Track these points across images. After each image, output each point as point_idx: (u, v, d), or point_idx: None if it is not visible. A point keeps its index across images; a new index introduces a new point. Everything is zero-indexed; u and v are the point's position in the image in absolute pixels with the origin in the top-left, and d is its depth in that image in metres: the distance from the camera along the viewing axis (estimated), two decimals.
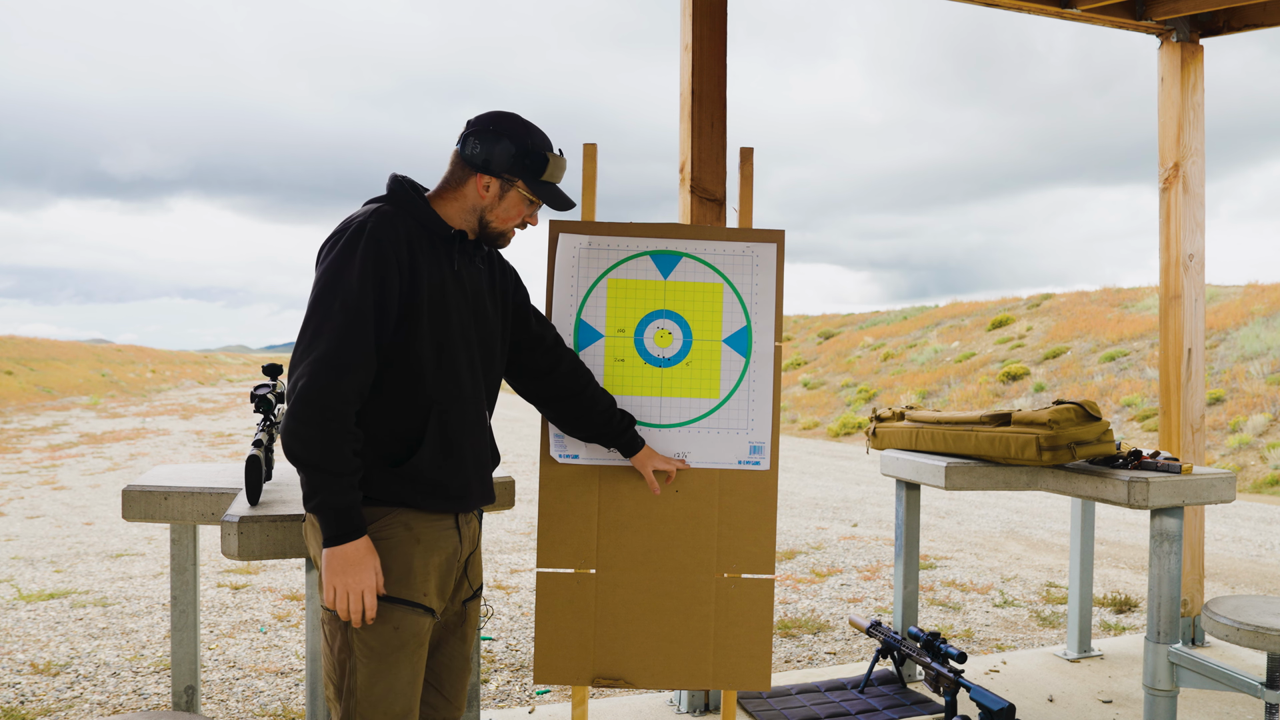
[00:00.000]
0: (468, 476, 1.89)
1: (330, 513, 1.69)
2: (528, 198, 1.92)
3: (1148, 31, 4.27)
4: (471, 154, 1.88)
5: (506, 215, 1.92)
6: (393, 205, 1.86)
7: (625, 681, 2.37)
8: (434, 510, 1.85)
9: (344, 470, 1.69)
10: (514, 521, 7.68)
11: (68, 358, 32.85)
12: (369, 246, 1.76)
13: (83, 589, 5.40)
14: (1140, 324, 18.62)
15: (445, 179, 1.93)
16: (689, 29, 3.29)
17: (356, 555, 1.71)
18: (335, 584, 1.71)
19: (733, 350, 2.41)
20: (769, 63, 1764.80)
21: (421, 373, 1.82)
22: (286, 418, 1.69)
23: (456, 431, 1.86)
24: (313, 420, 1.66)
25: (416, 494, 1.82)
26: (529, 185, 1.90)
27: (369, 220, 1.79)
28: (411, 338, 1.80)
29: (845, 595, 5.39)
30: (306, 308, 1.77)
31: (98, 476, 10.53)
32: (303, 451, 1.67)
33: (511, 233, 1.96)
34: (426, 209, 1.88)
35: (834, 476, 11.28)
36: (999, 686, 3.54)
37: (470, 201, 1.91)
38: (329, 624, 1.79)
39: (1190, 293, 4.18)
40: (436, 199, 1.92)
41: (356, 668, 1.76)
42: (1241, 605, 2.72)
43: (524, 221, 1.96)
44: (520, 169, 1.88)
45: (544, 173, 1.90)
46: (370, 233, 1.77)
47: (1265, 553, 6.91)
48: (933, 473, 3.25)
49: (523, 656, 4.19)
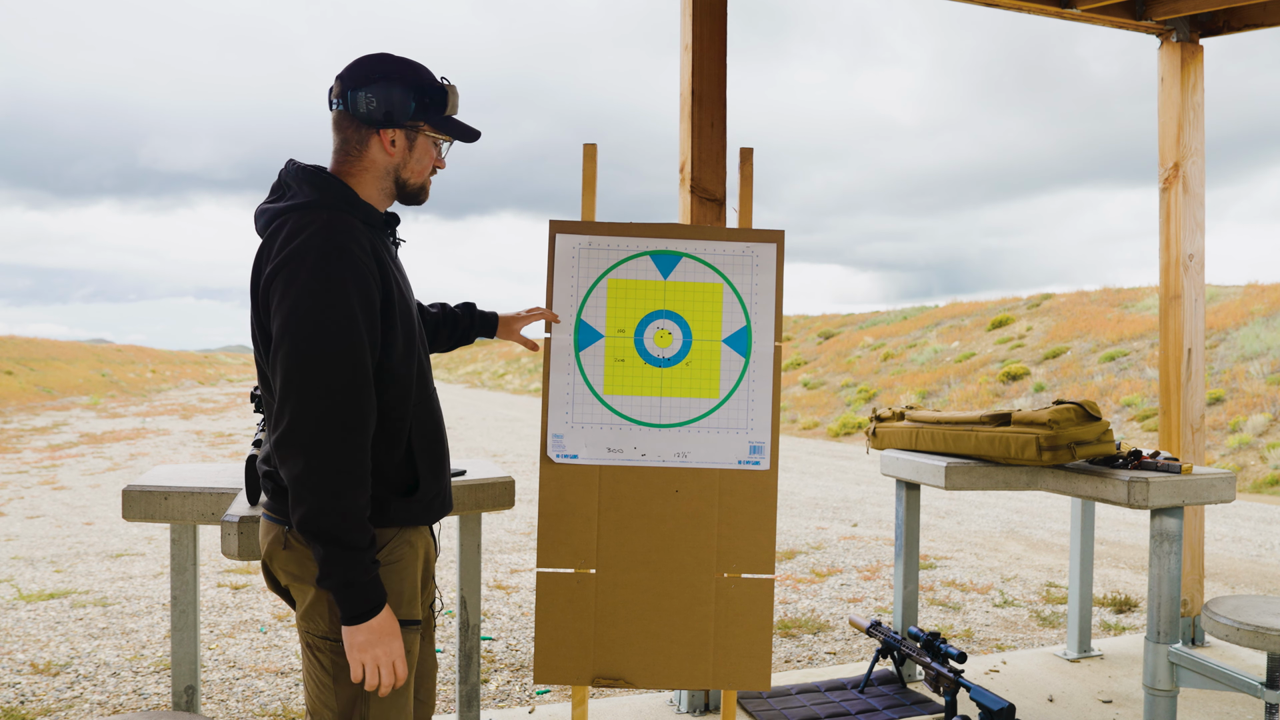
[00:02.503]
0: (447, 483, 1.84)
1: (353, 590, 1.55)
2: (435, 139, 1.75)
3: (1148, 31, 4.27)
4: (369, 111, 1.66)
5: (420, 166, 1.75)
6: (334, 205, 1.64)
7: (625, 681, 2.37)
8: (426, 523, 1.78)
9: (366, 542, 1.56)
10: (514, 521, 7.68)
11: (68, 358, 32.85)
12: (346, 268, 1.56)
13: (83, 589, 5.40)
14: (1140, 324, 18.62)
15: (342, 150, 1.71)
16: (689, 29, 3.29)
17: (384, 625, 1.58)
18: (365, 660, 1.57)
19: (732, 350, 2.41)
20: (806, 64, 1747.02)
21: (408, 390, 1.70)
22: (300, 488, 1.52)
23: (437, 440, 1.79)
24: (332, 491, 1.52)
25: (420, 512, 1.74)
26: (435, 125, 1.72)
27: (331, 235, 1.58)
28: (390, 355, 1.65)
29: (845, 595, 5.39)
30: (286, 350, 1.53)
31: (98, 476, 10.53)
32: (326, 526, 1.52)
33: (429, 183, 1.78)
34: (357, 198, 1.68)
35: (834, 476, 11.28)
36: (999, 686, 3.54)
37: (381, 165, 1.71)
38: (330, 653, 1.64)
39: (1190, 293, 4.18)
40: (348, 178, 1.70)
41: (370, 696, 1.64)
42: (1241, 605, 2.72)
43: (434, 167, 1.78)
44: (422, 110, 1.69)
45: (446, 107, 1.72)
46: (341, 251, 1.57)
47: (1265, 553, 6.91)
48: (933, 473, 3.25)
49: (523, 656, 4.19)
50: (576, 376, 2.38)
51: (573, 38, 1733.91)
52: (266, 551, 1.71)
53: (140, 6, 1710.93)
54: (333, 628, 1.64)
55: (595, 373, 2.38)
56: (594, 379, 2.37)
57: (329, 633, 1.64)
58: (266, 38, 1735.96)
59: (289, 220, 1.61)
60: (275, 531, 1.69)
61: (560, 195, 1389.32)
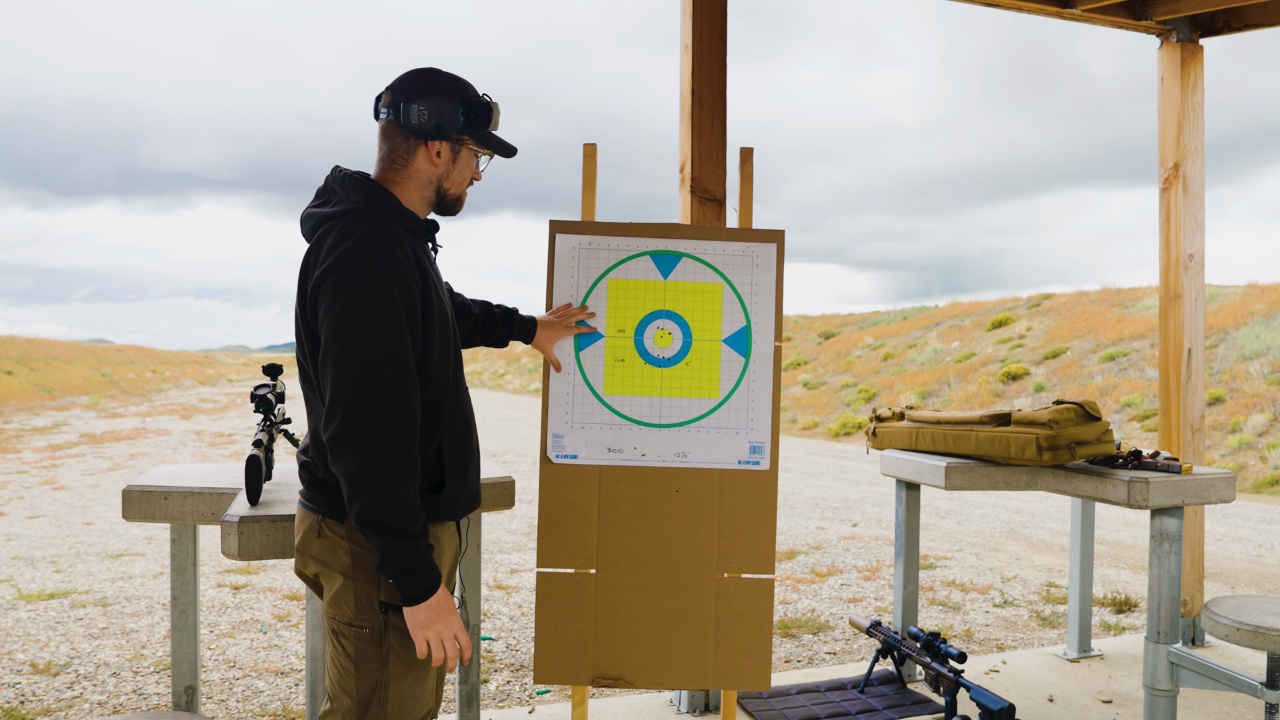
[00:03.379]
0: (474, 481, 1.89)
1: (411, 574, 1.63)
2: (477, 153, 1.82)
3: (1148, 31, 4.27)
4: (420, 122, 1.72)
5: (461, 178, 1.81)
6: (379, 212, 1.71)
7: (625, 681, 2.37)
8: (453, 519, 1.83)
9: (419, 529, 1.63)
10: (514, 521, 7.68)
11: (68, 358, 32.85)
12: (391, 272, 1.63)
13: (83, 589, 5.40)
14: (1140, 324, 18.62)
15: (388, 158, 1.77)
16: (689, 29, 3.29)
17: (441, 603, 1.67)
18: (428, 636, 1.66)
19: (732, 350, 2.41)
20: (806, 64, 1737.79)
21: (444, 390, 1.76)
22: (356, 483, 1.59)
23: (467, 438, 1.85)
24: (387, 486, 1.59)
25: (446, 508, 1.79)
26: (478, 139, 1.79)
27: (377, 240, 1.65)
28: (429, 355, 1.72)
29: (845, 595, 5.39)
30: (336, 352, 1.60)
31: (98, 476, 10.53)
32: (383, 517, 1.59)
33: (465, 195, 1.85)
34: (400, 205, 1.75)
35: (834, 476, 11.28)
36: (999, 686, 3.54)
37: (425, 175, 1.78)
38: (354, 640, 1.71)
39: (1190, 293, 4.18)
40: (392, 185, 1.77)
41: (389, 683, 1.72)
42: (1241, 605, 2.72)
43: (472, 179, 1.84)
44: (468, 125, 1.76)
45: (490, 123, 1.79)
46: (387, 256, 1.63)
47: (1265, 553, 6.91)
48: (933, 473, 3.25)
49: (523, 656, 4.19)
50: (576, 376, 2.38)
51: (573, 38, 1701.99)
52: (301, 539, 1.79)
53: (141, 7, 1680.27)
54: (357, 615, 1.71)
55: (595, 373, 2.38)
56: (594, 379, 2.37)
57: (354, 620, 1.71)
58: (267, 38, 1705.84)
59: (336, 225, 1.67)
60: (311, 520, 1.76)
61: (560, 195, 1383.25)
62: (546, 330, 2.31)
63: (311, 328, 1.67)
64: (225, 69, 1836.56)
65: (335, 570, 1.73)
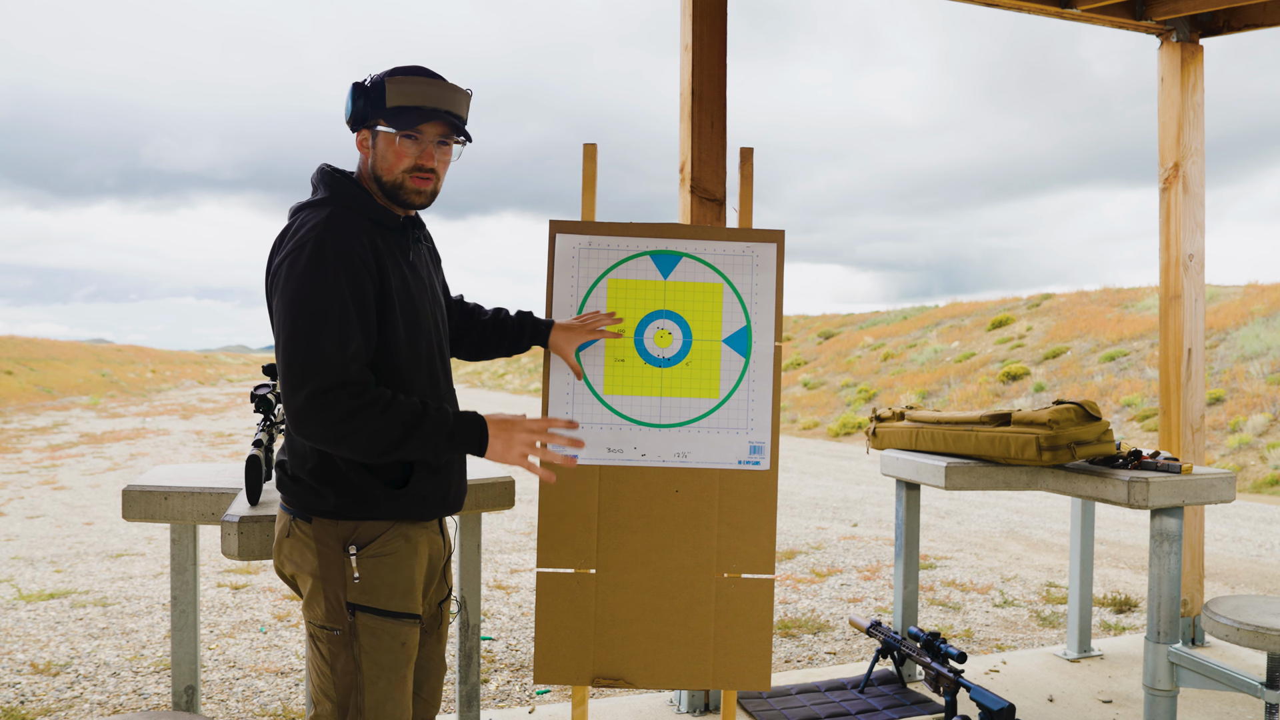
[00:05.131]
0: (454, 478, 1.87)
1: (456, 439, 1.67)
2: (389, 132, 1.72)
3: (1147, 31, 4.27)
4: (347, 118, 1.76)
5: (390, 164, 1.73)
6: (340, 203, 1.72)
7: (625, 681, 2.37)
8: (427, 518, 1.81)
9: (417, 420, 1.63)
10: (514, 521, 7.68)
11: (68, 358, 32.85)
12: (337, 259, 1.63)
13: (83, 589, 5.40)
14: (1140, 324, 18.62)
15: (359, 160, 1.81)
16: (689, 29, 3.29)
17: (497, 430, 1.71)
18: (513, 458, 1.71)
19: (732, 350, 2.41)
20: (809, 64, 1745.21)
21: (406, 384, 1.74)
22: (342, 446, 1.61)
23: None
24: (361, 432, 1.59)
25: (414, 507, 1.77)
26: (385, 119, 1.71)
27: (328, 227, 1.65)
28: (390, 348, 1.71)
29: (845, 595, 5.39)
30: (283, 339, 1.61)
31: (98, 476, 10.53)
32: (385, 447, 1.61)
33: (414, 182, 1.75)
34: (371, 200, 1.75)
35: (834, 476, 11.28)
36: (999, 686, 3.54)
37: (365, 166, 1.78)
38: (328, 642, 1.71)
39: (1190, 293, 4.18)
40: (361, 180, 1.79)
41: (364, 686, 1.69)
42: (1241, 605, 2.72)
43: (418, 164, 1.74)
44: (371, 107, 1.71)
45: (387, 98, 1.70)
46: (335, 242, 1.64)
47: (1265, 553, 6.91)
48: (933, 473, 3.25)
49: (523, 656, 4.19)
50: (576, 376, 2.38)
51: (575, 38, 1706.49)
52: (276, 539, 1.80)
53: (143, 7, 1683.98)
54: (328, 617, 1.70)
55: (595, 372, 2.38)
56: (594, 379, 2.37)
57: (326, 621, 1.70)
58: (270, 38, 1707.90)
59: (299, 217, 1.72)
60: (284, 520, 1.78)
61: (561, 195, 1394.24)
62: (565, 333, 2.26)
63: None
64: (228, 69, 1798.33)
65: (306, 571, 1.73)
